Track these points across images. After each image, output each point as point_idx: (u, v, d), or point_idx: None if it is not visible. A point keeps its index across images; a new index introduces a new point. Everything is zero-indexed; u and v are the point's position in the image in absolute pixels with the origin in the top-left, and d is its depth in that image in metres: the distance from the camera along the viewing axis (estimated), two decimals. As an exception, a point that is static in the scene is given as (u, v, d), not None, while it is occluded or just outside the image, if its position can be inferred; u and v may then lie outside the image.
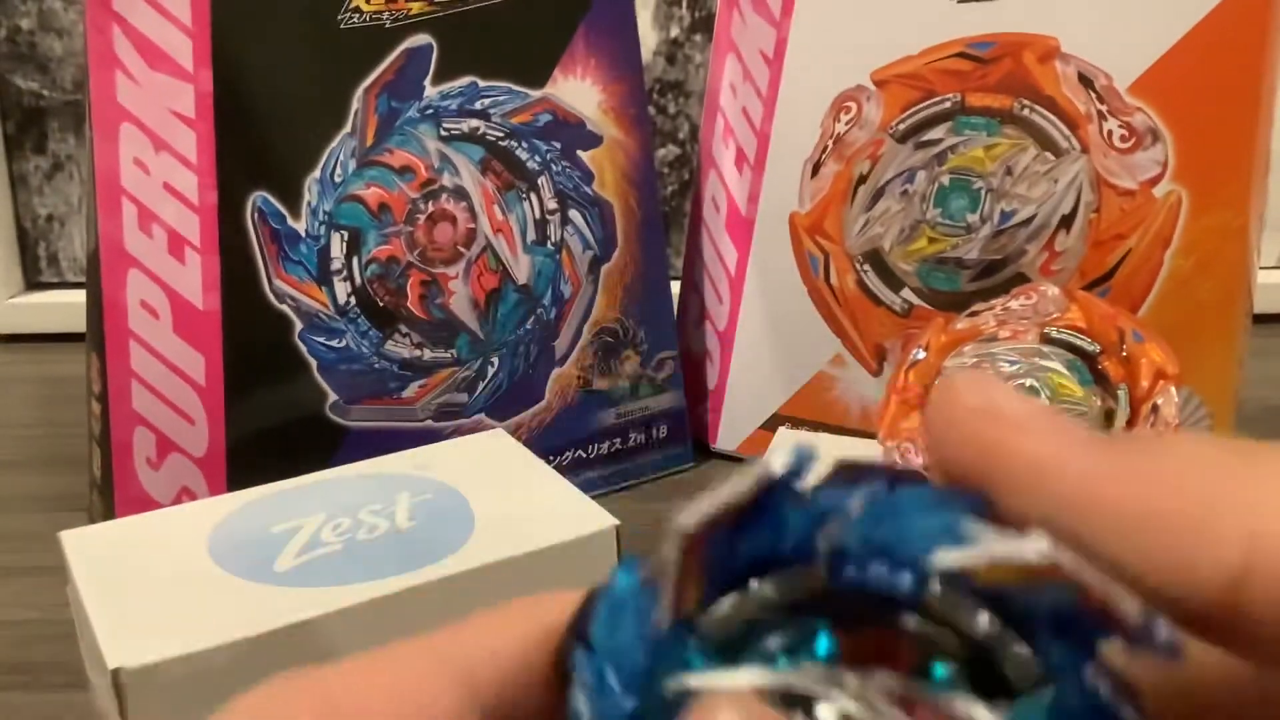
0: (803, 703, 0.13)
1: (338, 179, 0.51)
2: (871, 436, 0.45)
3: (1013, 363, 0.41)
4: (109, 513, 0.49)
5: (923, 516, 0.14)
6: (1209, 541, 0.13)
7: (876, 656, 0.14)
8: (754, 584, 0.14)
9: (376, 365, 0.53)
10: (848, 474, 0.14)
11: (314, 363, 0.51)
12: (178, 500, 0.49)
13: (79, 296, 0.52)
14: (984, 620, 0.14)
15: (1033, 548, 0.13)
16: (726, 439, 0.62)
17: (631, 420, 0.59)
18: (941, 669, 0.14)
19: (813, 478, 0.14)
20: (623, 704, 0.14)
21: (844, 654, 0.14)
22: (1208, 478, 0.13)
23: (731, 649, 0.14)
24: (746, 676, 0.13)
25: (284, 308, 0.51)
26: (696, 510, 0.14)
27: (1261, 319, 0.58)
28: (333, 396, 0.52)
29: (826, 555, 0.14)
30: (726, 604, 0.14)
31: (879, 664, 0.14)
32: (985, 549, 0.13)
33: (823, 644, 0.14)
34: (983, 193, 0.53)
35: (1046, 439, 0.14)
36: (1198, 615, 0.13)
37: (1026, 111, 0.52)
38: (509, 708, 0.16)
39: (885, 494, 0.14)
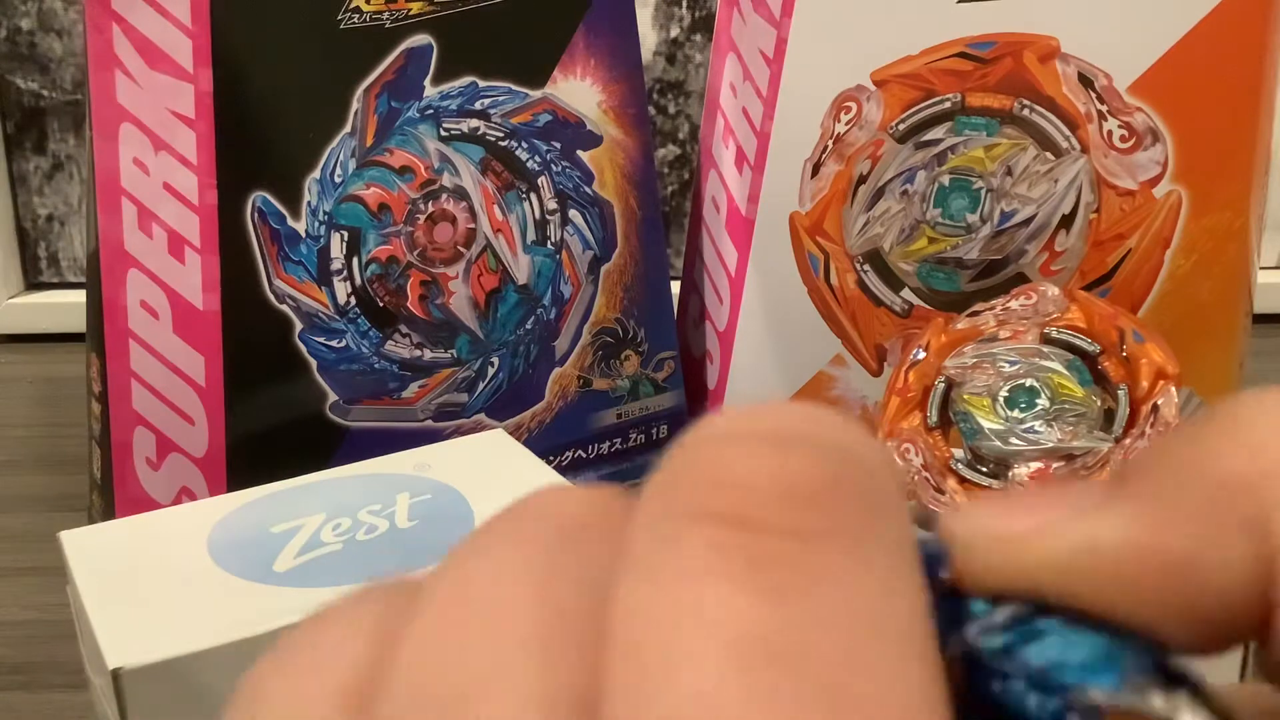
0: None
1: (338, 179, 0.51)
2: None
3: (1013, 363, 0.41)
4: (109, 513, 0.49)
5: (1081, 648, 0.13)
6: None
7: None
8: None
9: (376, 365, 0.53)
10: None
11: (314, 363, 0.51)
12: (178, 500, 0.49)
13: (79, 296, 0.52)
14: None
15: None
16: (726, 439, 0.62)
17: (631, 420, 0.59)
18: None
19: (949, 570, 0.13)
20: None
21: None
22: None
23: None
24: None
25: (284, 308, 0.51)
26: None
27: (1261, 319, 0.58)
28: (333, 397, 0.52)
29: (961, 658, 0.13)
30: None
31: None
32: (1143, 699, 0.12)
33: None
34: (983, 193, 0.53)
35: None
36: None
37: (1026, 111, 0.52)
38: None
39: (1036, 612, 0.13)
